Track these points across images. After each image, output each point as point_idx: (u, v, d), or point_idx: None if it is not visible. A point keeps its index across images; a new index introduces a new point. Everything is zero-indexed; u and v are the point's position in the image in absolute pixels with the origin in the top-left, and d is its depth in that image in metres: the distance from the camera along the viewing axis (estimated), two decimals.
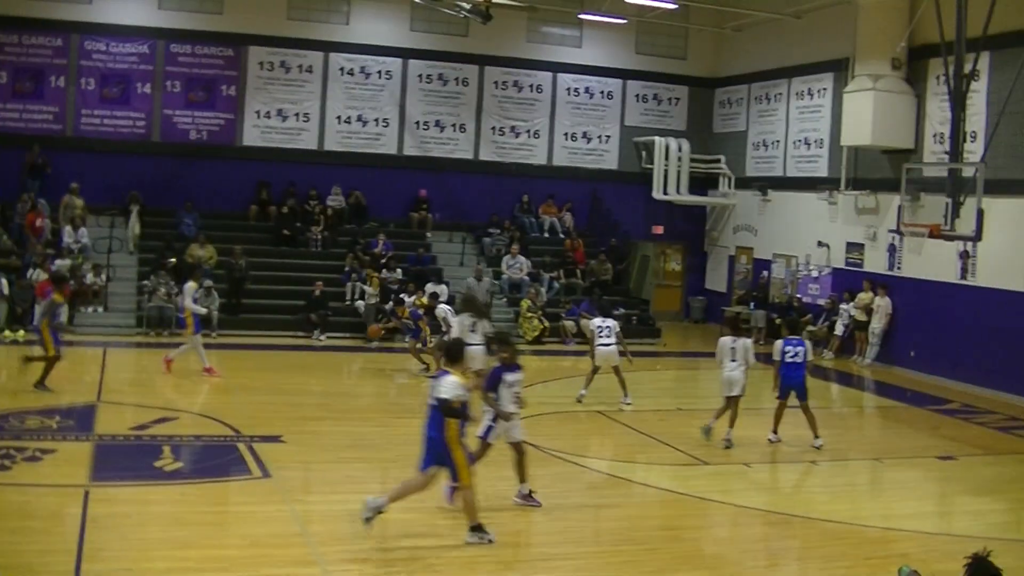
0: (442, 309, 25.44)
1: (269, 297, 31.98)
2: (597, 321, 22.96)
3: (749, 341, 20.14)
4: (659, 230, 39.33)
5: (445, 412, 13.12)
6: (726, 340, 20.02)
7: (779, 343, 19.74)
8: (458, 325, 22.34)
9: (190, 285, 24.24)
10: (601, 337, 22.49)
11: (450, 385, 13.18)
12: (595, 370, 22.72)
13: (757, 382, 20.90)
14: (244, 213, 35.11)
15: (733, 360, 19.65)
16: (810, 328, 32.08)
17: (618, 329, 22.89)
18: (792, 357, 19.42)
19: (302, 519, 14.07)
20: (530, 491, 14.99)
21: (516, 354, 15.32)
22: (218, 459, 17.08)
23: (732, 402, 19.71)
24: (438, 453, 13.29)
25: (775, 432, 19.95)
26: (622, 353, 22.75)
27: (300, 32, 35.79)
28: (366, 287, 31.02)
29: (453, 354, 13.89)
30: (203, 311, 24.37)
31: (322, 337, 30.49)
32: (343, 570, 12.36)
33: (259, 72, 35.65)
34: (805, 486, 18.16)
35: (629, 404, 22.74)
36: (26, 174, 32.87)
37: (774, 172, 36.57)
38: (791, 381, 19.54)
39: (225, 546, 12.92)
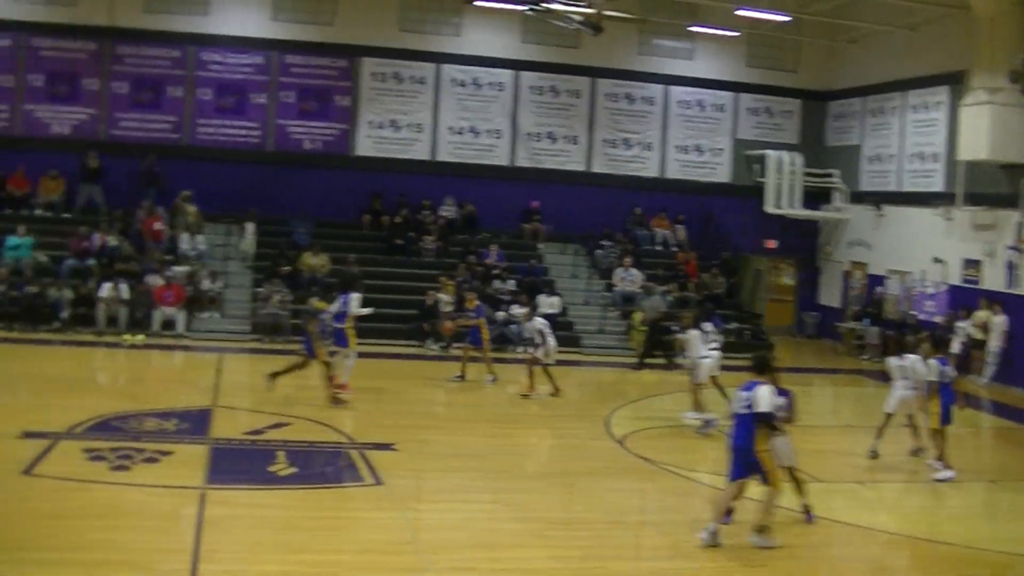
0: (538, 322, 25.01)
1: (381, 306, 32.09)
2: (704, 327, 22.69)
3: (918, 358, 19.71)
4: (772, 244, 39.02)
5: (761, 422, 13.65)
6: (893, 360, 19.83)
7: (935, 362, 18.75)
8: (695, 340, 22.10)
9: (356, 297, 23.63)
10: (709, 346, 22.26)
11: (766, 396, 13.66)
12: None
13: (867, 399, 20.64)
14: (357, 222, 35.37)
15: (905, 378, 19.43)
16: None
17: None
18: (949, 378, 18.67)
19: (413, 527, 14.17)
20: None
21: (778, 377, 15.26)
22: (331, 465, 17.25)
23: (895, 419, 19.83)
24: (748, 463, 13.73)
25: (941, 461, 18.88)
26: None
27: (412, 43, 36.06)
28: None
29: (761, 366, 14.31)
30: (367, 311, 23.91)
31: (434, 346, 30.63)
32: None
33: (372, 83, 35.99)
34: (919, 506, 17.87)
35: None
36: (143, 183, 33.52)
37: (888, 186, 36.14)
38: (951, 401, 18.78)
39: (336, 551, 13.03)
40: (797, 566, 13.76)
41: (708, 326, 22.71)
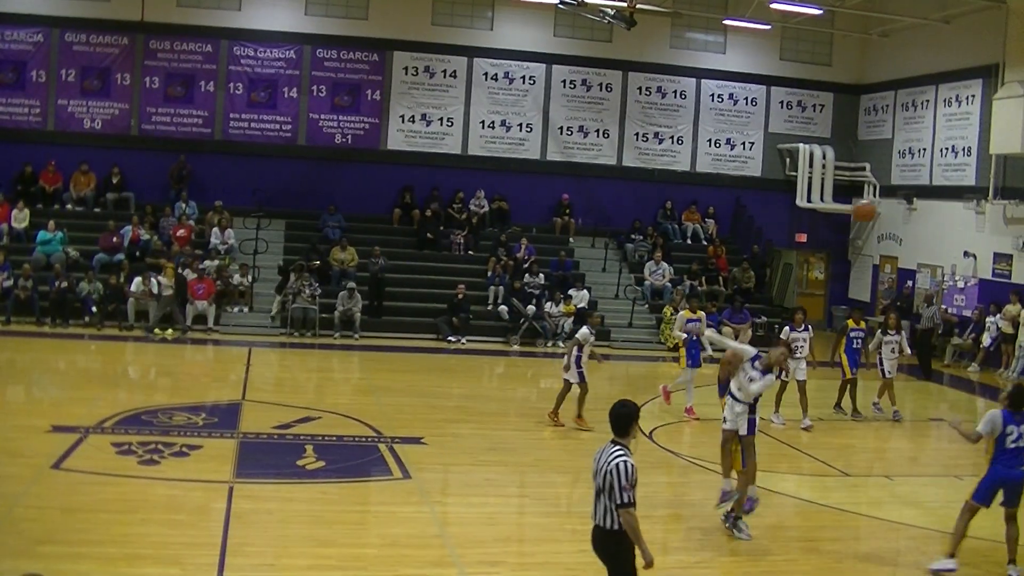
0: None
1: (411, 300, 32.20)
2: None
3: None
4: (802, 238, 38.86)
5: None
6: None
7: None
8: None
9: (683, 314, 23.36)
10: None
11: None
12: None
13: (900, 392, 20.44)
14: (387, 217, 35.42)
15: None
16: (955, 341, 31.73)
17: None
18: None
19: (441, 520, 14.21)
20: None
21: None
22: (359, 459, 17.25)
23: None
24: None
25: None
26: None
27: (444, 37, 36.10)
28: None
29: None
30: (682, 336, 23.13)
31: (463, 340, 30.56)
32: (479, 572, 12.47)
33: (403, 77, 36.00)
34: (947, 501, 17.67)
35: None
36: (173, 184, 33.78)
37: (920, 180, 35.95)
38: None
39: (364, 545, 13.09)
40: (821, 560, 13.76)
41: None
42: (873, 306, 36.94)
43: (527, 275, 32.86)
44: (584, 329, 20.72)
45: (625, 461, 9.63)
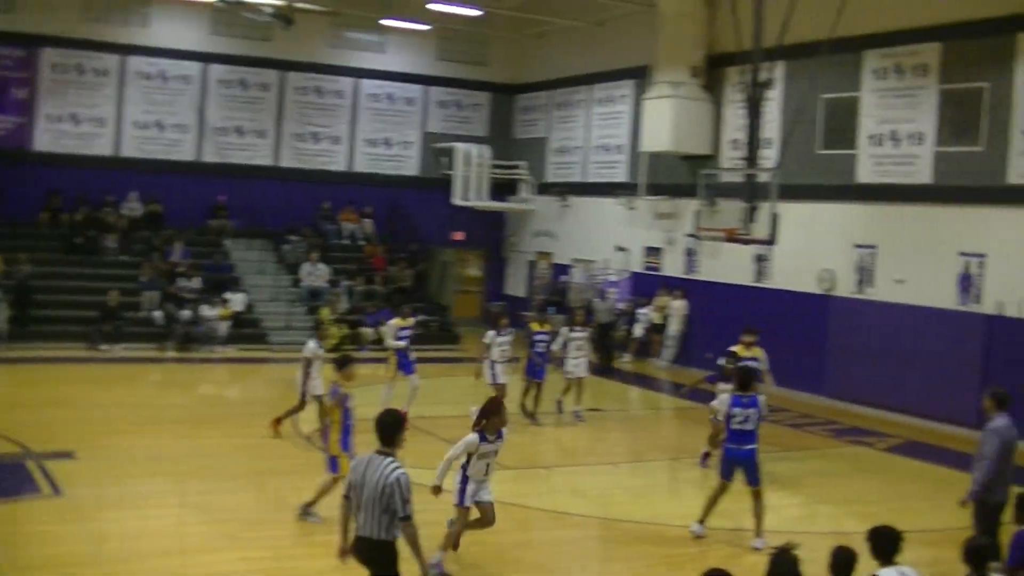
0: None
1: (60, 308, 31.06)
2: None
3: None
4: (459, 236, 39.28)
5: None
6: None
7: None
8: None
9: (394, 322, 22.78)
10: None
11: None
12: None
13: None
14: (34, 221, 33.96)
15: None
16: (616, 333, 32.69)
17: None
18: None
19: (96, 537, 13.74)
20: None
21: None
22: (5, 478, 16.51)
23: None
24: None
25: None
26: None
27: (97, 34, 34.87)
28: None
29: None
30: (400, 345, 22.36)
31: (116, 348, 29.69)
32: None
33: (52, 75, 34.65)
34: (604, 488, 18.24)
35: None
36: None
37: (574, 178, 37.00)
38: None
39: (14, 570, 12.48)
40: (482, 551, 13.89)
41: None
42: (528, 301, 37.65)
43: (182, 279, 32.20)
44: (311, 344, 20.26)
45: (405, 473, 9.47)
